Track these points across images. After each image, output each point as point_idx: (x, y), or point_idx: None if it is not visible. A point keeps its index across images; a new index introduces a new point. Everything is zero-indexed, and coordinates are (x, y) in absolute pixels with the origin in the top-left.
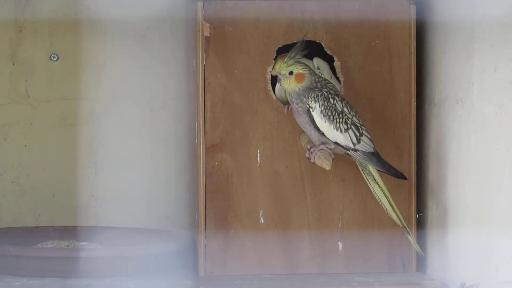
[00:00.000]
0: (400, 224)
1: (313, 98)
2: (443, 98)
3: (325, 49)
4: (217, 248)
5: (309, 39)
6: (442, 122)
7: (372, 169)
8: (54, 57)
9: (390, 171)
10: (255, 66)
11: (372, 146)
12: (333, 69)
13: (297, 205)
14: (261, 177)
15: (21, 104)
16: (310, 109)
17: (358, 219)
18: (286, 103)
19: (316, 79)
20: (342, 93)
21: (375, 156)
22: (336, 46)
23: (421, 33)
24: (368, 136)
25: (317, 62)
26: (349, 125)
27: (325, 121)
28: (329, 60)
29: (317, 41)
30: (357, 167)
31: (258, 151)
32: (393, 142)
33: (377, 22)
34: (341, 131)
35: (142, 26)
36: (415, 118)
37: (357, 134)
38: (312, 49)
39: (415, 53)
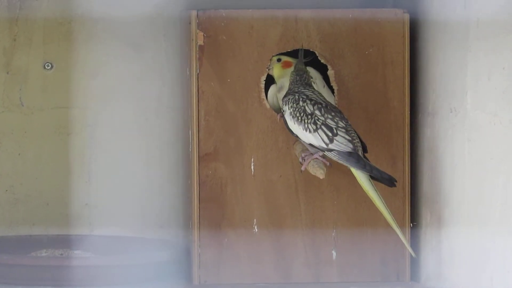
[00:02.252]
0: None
1: (285, 102)
2: (437, 107)
3: (319, 58)
4: (211, 257)
5: (303, 48)
6: (436, 131)
7: (355, 172)
8: (48, 65)
9: (373, 172)
10: (249, 74)
11: (351, 146)
12: (327, 78)
13: (291, 214)
14: (255, 186)
15: (15, 113)
16: (284, 112)
17: (352, 228)
18: (279, 111)
19: (297, 81)
20: (336, 102)
21: (354, 157)
22: (330, 55)
23: (415, 42)
24: (347, 137)
25: (310, 71)
26: (318, 126)
27: (294, 123)
28: (323, 69)
29: (311, 50)
30: (352, 175)
31: (252, 160)
32: (387, 151)
33: (371, 31)
34: (309, 131)
35: (136, 35)
36: (409, 127)
37: (330, 134)
38: (306, 58)
39: (409, 62)
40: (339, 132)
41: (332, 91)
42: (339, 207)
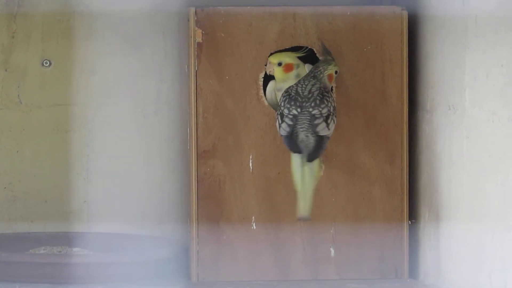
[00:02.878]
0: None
1: None
2: (435, 104)
3: (318, 55)
4: (210, 254)
5: (301, 45)
6: (434, 128)
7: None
8: (46, 63)
9: (294, 151)
10: (247, 72)
11: (288, 130)
12: None
13: (289, 211)
14: (253, 183)
15: (13, 110)
16: None
17: (350, 225)
18: (277, 107)
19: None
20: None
21: (287, 139)
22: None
23: (413, 39)
24: (290, 123)
25: (308, 68)
26: (277, 114)
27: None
28: None
29: (309, 47)
30: (350, 173)
31: (250, 157)
32: (385, 148)
33: (369, 28)
34: (276, 120)
35: (135, 32)
36: (407, 124)
37: (280, 121)
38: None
39: (407, 59)
40: (285, 120)
41: (331, 88)
42: (337, 204)
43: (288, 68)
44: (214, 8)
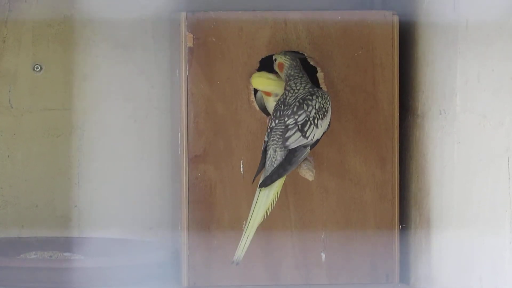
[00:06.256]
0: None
1: None
2: (426, 108)
3: (308, 59)
4: (200, 259)
5: (292, 49)
6: (425, 132)
7: None
8: (37, 67)
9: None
10: (239, 76)
11: (262, 148)
12: (316, 80)
13: (280, 216)
14: (244, 187)
15: (4, 115)
16: None
17: (341, 230)
18: (266, 111)
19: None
20: None
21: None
22: (319, 57)
23: (404, 44)
24: (265, 138)
25: None
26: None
27: None
28: (312, 71)
29: (300, 52)
30: (341, 177)
31: (241, 161)
32: (376, 153)
33: (360, 33)
34: None
35: (125, 37)
36: (398, 129)
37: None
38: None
39: (398, 64)
40: (268, 133)
41: None
42: (328, 209)
43: (267, 94)
44: (205, 13)
